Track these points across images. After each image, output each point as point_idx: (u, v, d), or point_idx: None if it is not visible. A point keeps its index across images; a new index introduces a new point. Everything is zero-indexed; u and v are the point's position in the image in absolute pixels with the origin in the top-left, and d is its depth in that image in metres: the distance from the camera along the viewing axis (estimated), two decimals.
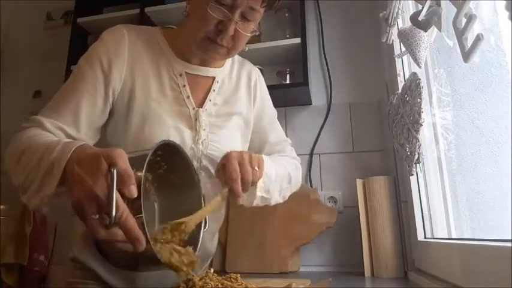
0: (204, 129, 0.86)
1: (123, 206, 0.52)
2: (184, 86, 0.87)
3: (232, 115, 0.92)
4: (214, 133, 0.88)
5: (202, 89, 0.91)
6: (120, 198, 0.52)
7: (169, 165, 0.72)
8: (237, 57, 1.00)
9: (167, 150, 0.67)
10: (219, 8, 0.77)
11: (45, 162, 0.61)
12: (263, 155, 0.85)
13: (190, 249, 0.65)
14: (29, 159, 0.64)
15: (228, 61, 0.97)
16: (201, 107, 0.88)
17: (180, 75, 0.88)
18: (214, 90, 0.91)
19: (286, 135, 1.10)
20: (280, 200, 0.93)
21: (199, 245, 0.70)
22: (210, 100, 0.90)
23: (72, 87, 0.80)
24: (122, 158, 0.54)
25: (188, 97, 0.87)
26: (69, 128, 0.76)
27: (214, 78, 0.93)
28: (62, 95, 0.79)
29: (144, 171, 0.56)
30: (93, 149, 0.60)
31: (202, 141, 0.85)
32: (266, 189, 0.85)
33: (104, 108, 0.81)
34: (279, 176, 0.89)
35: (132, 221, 0.53)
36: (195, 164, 0.85)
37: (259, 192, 0.83)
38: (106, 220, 0.51)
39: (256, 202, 0.86)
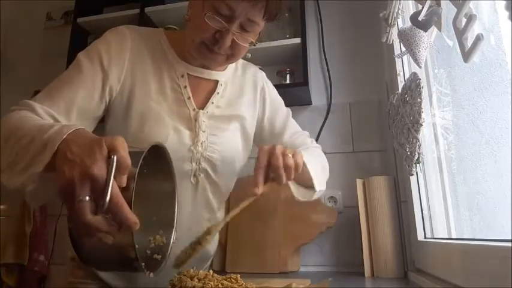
0: (204, 131, 0.85)
1: (119, 194, 0.50)
2: (185, 87, 0.87)
3: (234, 118, 0.92)
4: (215, 135, 0.87)
5: (203, 91, 0.90)
6: (116, 186, 0.50)
7: (149, 169, 0.67)
8: (241, 60, 0.99)
9: (153, 154, 0.64)
10: (217, 18, 0.76)
11: (37, 141, 0.57)
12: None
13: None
14: (20, 139, 0.60)
15: (231, 64, 0.96)
16: (202, 109, 0.87)
17: (182, 76, 0.87)
18: (218, 93, 0.91)
19: None
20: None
21: (168, 253, 0.68)
22: (213, 103, 0.89)
23: (69, 78, 0.78)
24: (123, 147, 0.53)
25: (189, 98, 0.86)
26: (59, 116, 0.73)
27: (217, 81, 0.92)
28: (58, 85, 0.78)
29: (138, 167, 0.54)
30: (92, 134, 0.58)
31: (201, 143, 0.85)
32: (321, 182, 0.87)
33: (99, 103, 0.80)
34: (319, 167, 0.90)
35: (127, 208, 0.50)
36: (194, 165, 0.84)
37: (318, 187, 0.84)
38: (98, 204, 0.49)
39: (315, 196, 0.87)
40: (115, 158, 0.50)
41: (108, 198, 0.48)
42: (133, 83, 0.83)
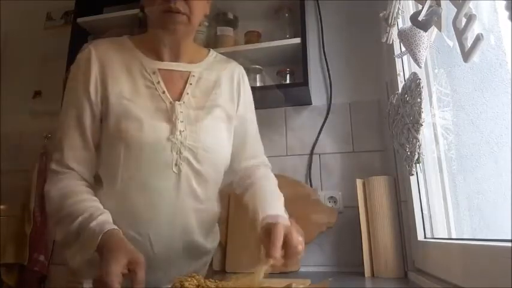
0: (182, 121, 0.88)
1: None
2: (158, 82, 0.90)
3: (214, 107, 0.93)
4: (194, 124, 0.89)
5: (177, 83, 0.93)
6: None
7: None
8: (220, 56, 1.03)
9: None
10: None
11: (83, 234, 0.75)
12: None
13: None
14: (67, 225, 0.78)
15: (208, 58, 1.00)
16: (178, 100, 0.90)
17: (153, 72, 0.91)
18: (191, 84, 0.93)
19: (286, 136, 1.10)
20: None
21: None
22: (188, 93, 0.92)
23: (72, 121, 0.86)
24: (143, 268, 0.67)
25: (163, 92, 0.89)
26: (79, 166, 0.85)
27: (190, 72, 0.95)
28: (68, 131, 0.86)
29: None
30: (120, 236, 0.74)
31: (180, 132, 0.86)
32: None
33: (99, 128, 0.88)
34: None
35: None
36: (175, 155, 0.86)
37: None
38: None
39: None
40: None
41: None
42: (105, 89, 0.87)
